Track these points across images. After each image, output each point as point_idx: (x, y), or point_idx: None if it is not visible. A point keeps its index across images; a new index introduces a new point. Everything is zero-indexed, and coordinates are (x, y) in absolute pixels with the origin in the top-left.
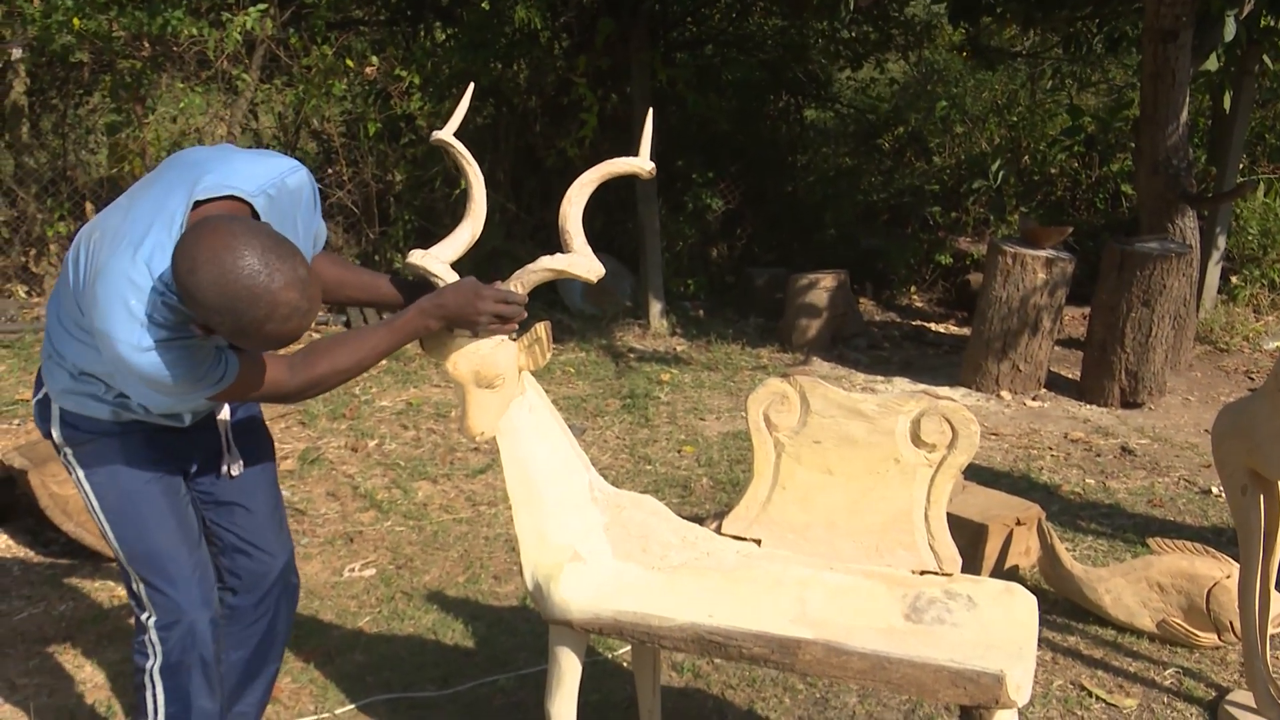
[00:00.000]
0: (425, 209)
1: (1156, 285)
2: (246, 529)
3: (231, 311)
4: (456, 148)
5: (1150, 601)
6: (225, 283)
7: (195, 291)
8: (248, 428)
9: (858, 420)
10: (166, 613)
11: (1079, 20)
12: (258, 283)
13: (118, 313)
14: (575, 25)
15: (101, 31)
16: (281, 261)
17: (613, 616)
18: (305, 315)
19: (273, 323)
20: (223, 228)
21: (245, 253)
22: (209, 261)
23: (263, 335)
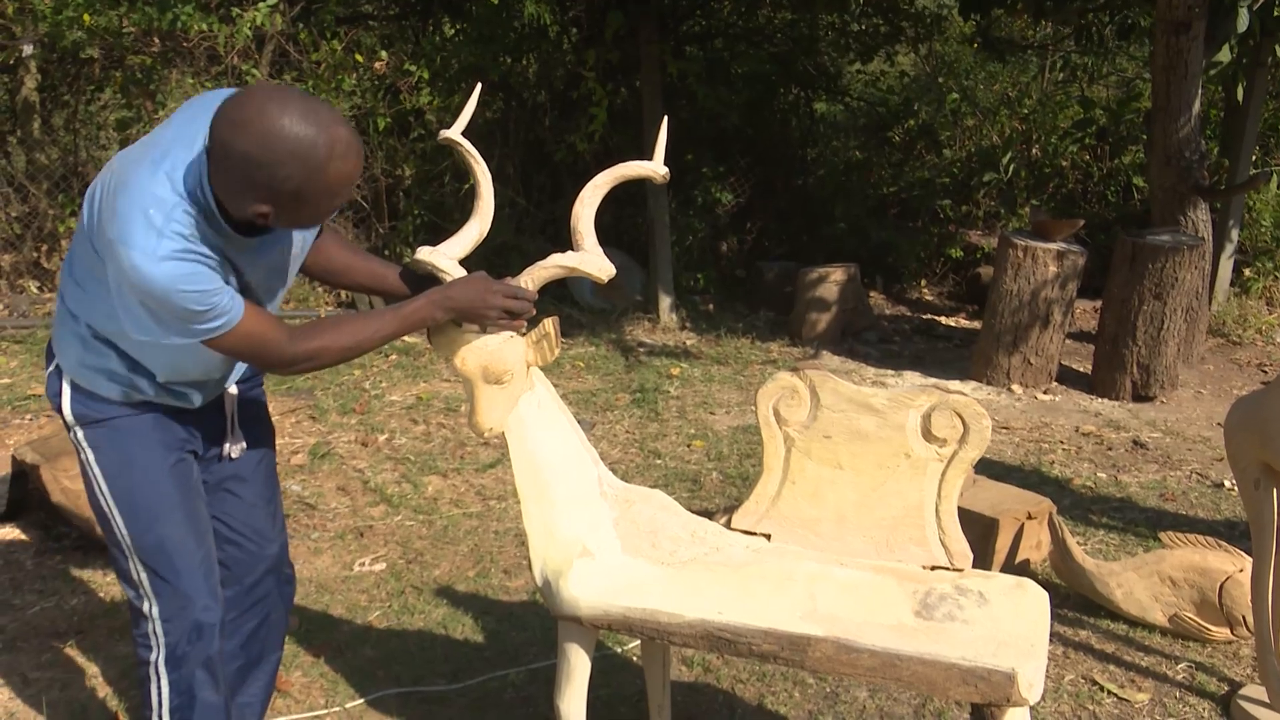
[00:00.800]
0: (434, 204)
1: (1168, 278)
2: (237, 516)
3: (300, 156)
4: (464, 146)
5: (1162, 596)
6: (284, 129)
7: (256, 152)
8: (252, 412)
9: (868, 415)
10: (170, 603)
11: (1090, 12)
12: (313, 121)
13: (136, 220)
14: (584, 19)
15: (112, 27)
16: (321, 106)
17: (622, 612)
18: (359, 155)
19: (336, 159)
20: (256, 90)
21: (290, 101)
22: (260, 117)
23: (331, 176)
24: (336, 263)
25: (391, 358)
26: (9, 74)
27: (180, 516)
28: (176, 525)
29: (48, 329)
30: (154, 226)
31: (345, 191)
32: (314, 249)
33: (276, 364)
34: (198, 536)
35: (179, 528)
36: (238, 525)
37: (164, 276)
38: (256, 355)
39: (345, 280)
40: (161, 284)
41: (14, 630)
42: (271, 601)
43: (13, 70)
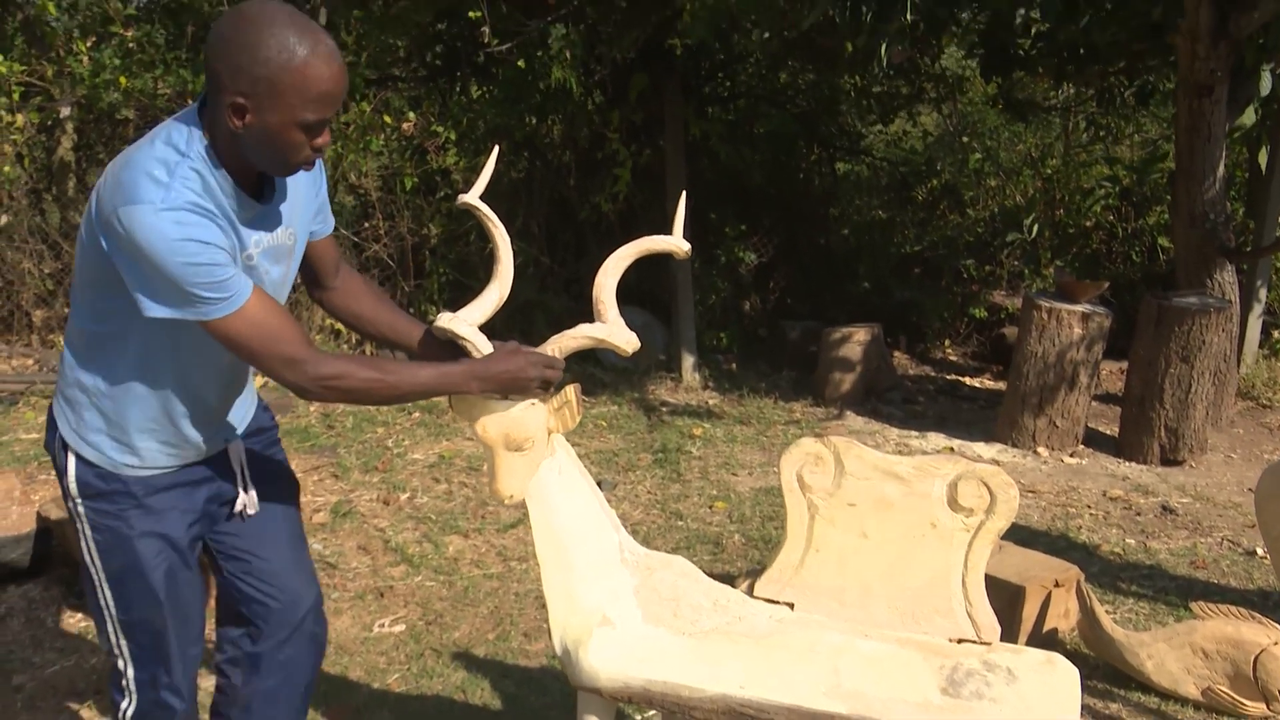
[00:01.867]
0: (460, 262)
1: (1195, 341)
2: (263, 577)
3: (279, 46)
4: (483, 210)
5: (1194, 668)
6: (270, 21)
7: (239, 38)
8: (269, 470)
9: (893, 482)
10: (144, 672)
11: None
12: (298, 21)
13: (140, 181)
14: (609, 81)
15: (147, 90)
16: (312, 20)
17: (643, 685)
18: (341, 67)
19: (317, 59)
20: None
21: (285, 8)
22: (252, 12)
23: (310, 73)
24: (364, 306)
25: (414, 415)
26: (47, 134)
27: (167, 612)
28: (161, 618)
29: None
30: (160, 182)
31: (324, 99)
32: (341, 290)
33: (289, 369)
34: (180, 631)
35: (163, 620)
36: (264, 586)
37: (170, 227)
38: (268, 351)
39: (369, 327)
40: (170, 234)
41: (33, 689)
42: (303, 658)
43: (50, 131)
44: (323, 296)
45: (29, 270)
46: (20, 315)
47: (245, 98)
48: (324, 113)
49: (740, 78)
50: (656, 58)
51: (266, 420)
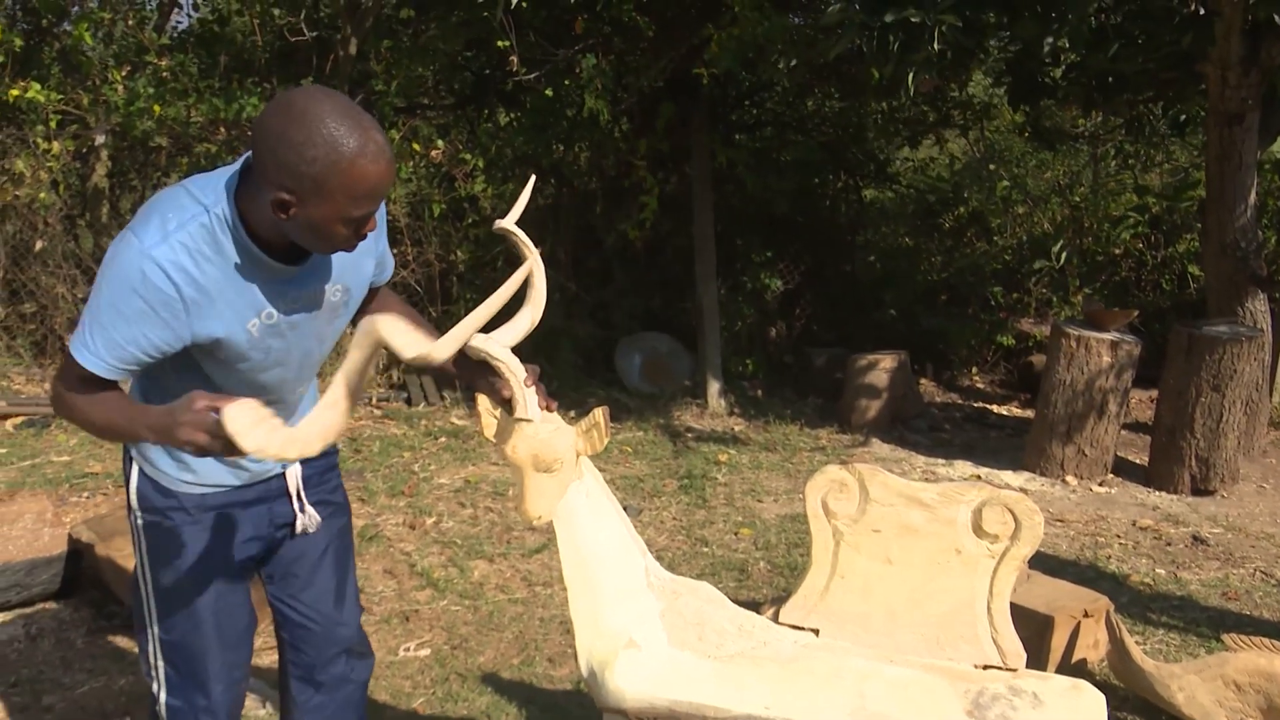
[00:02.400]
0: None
1: (1227, 370)
2: (305, 600)
3: (328, 143)
4: (518, 235)
5: (1227, 701)
6: (321, 116)
7: (288, 132)
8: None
9: (918, 509)
10: (177, 698)
11: (1141, 103)
12: (347, 121)
13: (152, 219)
14: (636, 110)
15: (180, 118)
16: (364, 112)
17: (668, 706)
18: (390, 163)
19: (365, 158)
20: (303, 88)
21: (333, 98)
22: (301, 105)
23: (357, 173)
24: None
25: (440, 440)
26: (82, 161)
27: (209, 631)
28: (201, 639)
29: None
30: (164, 227)
31: (370, 195)
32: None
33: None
34: (223, 654)
35: (203, 642)
36: (305, 609)
37: (133, 265)
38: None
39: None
40: (126, 270)
41: (62, 710)
42: (345, 682)
43: (85, 158)
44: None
45: (62, 295)
46: (54, 339)
47: (290, 194)
48: (370, 207)
49: (767, 105)
50: (683, 86)
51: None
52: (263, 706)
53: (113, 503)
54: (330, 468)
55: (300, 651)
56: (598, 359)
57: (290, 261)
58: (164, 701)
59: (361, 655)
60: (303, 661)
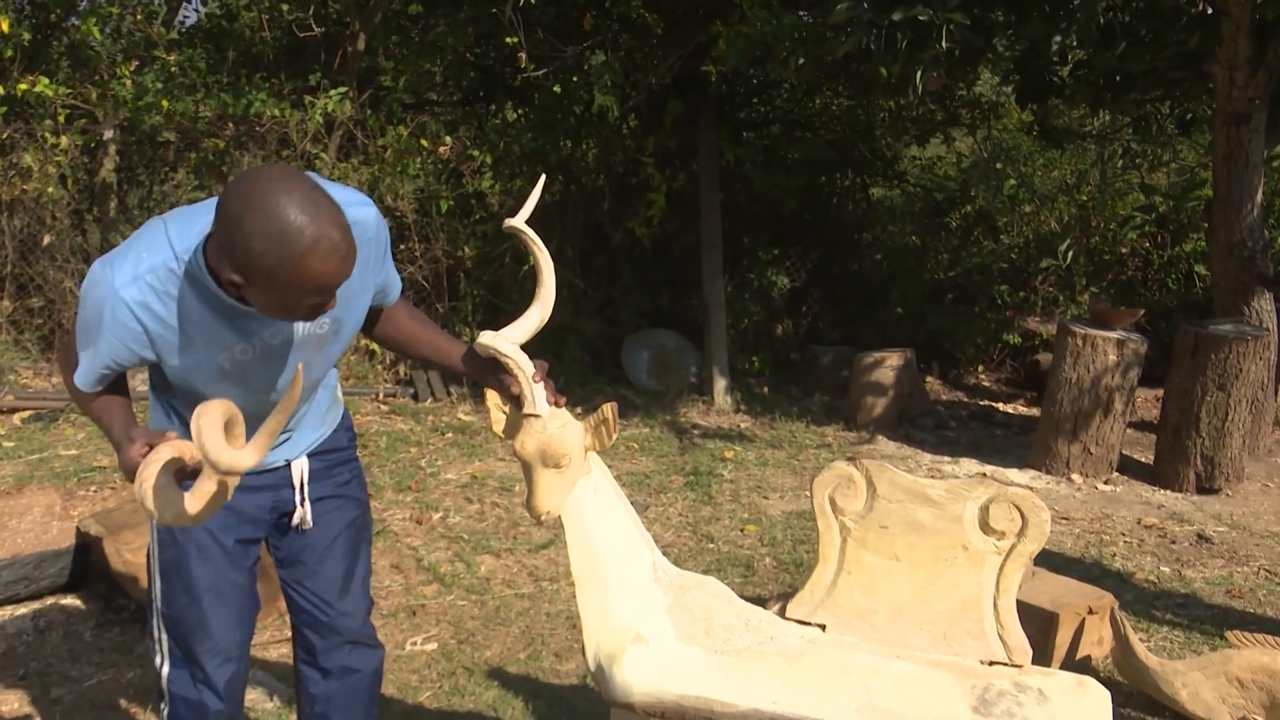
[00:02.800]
0: (494, 284)
1: (1232, 369)
2: (310, 587)
3: (276, 238)
4: (528, 234)
5: (1230, 698)
6: (274, 209)
7: (241, 219)
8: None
9: (925, 505)
10: (178, 671)
11: (1149, 102)
12: (305, 212)
13: (129, 253)
14: (644, 107)
15: (188, 113)
16: (328, 204)
17: (675, 700)
18: (344, 260)
19: (313, 256)
20: (271, 170)
21: (296, 187)
22: (260, 191)
23: (302, 270)
24: (404, 332)
25: (447, 436)
26: (89, 156)
27: (206, 608)
28: (199, 615)
29: None
30: (135, 267)
31: (319, 290)
32: (383, 320)
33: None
34: (220, 632)
35: (201, 618)
36: (311, 597)
37: (101, 300)
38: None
39: (410, 350)
40: (96, 304)
41: (70, 702)
42: (351, 671)
43: (93, 153)
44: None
45: (70, 289)
46: (61, 334)
47: (239, 277)
48: (320, 299)
49: (775, 103)
50: (691, 84)
51: (343, 441)
52: (270, 699)
53: (120, 496)
54: (343, 461)
55: (306, 637)
56: (605, 356)
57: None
58: (165, 674)
59: (368, 646)
60: (308, 646)
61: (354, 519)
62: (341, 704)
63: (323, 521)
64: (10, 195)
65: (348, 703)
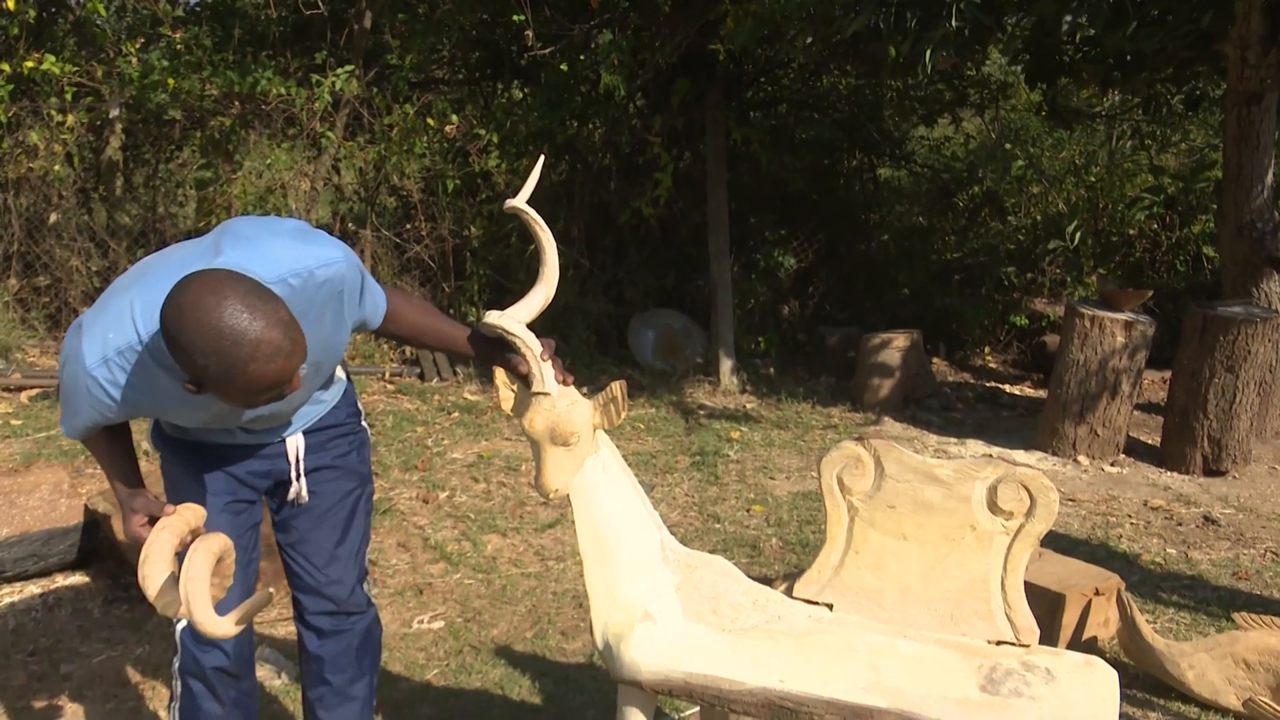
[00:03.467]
0: (500, 264)
1: (1241, 351)
2: (302, 552)
3: (216, 353)
4: (530, 214)
5: (1236, 679)
6: (209, 324)
7: (181, 337)
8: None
9: (933, 485)
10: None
11: (1159, 82)
12: (240, 322)
13: (96, 331)
14: (651, 86)
15: (195, 91)
16: (264, 303)
17: (683, 678)
18: (289, 356)
19: (256, 362)
20: (206, 276)
21: (228, 295)
22: (194, 305)
23: (248, 376)
24: (408, 326)
25: (453, 415)
26: (95, 134)
27: None
28: None
29: None
30: (104, 350)
31: (271, 388)
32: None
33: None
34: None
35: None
36: (302, 561)
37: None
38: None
39: (416, 342)
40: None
41: (80, 678)
42: (342, 631)
43: (99, 131)
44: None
45: (76, 268)
46: (68, 312)
47: (198, 383)
48: (275, 393)
49: (782, 83)
50: (699, 63)
51: (341, 417)
52: (278, 676)
53: None
54: (340, 435)
55: (297, 599)
56: (611, 336)
57: None
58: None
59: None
60: (300, 608)
61: (351, 490)
62: (336, 664)
63: (320, 491)
64: (16, 173)
65: (343, 663)
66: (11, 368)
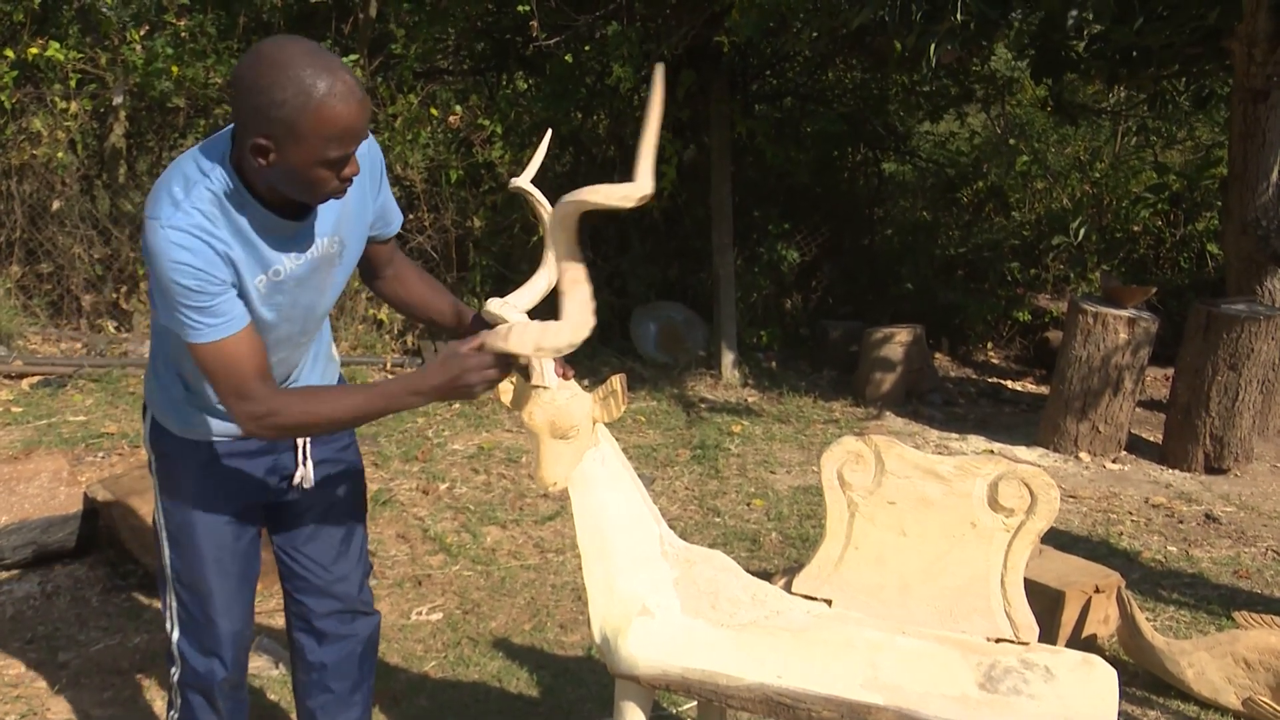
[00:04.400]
0: (503, 254)
1: (1244, 348)
2: (305, 551)
3: (297, 83)
4: (534, 195)
5: (1236, 678)
6: (289, 61)
7: (259, 78)
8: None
9: (934, 482)
10: (189, 637)
11: (1165, 78)
12: (318, 59)
13: (163, 195)
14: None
15: (198, 79)
16: (335, 57)
17: (680, 673)
18: (362, 102)
19: (334, 98)
20: (274, 38)
21: (301, 42)
22: (272, 52)
23: (325, 113)
24: (414, 293)
25: (454, 406)
26: (99, 121)
27: (212, 575)
28: (207, 583)
29: (124, 369)
30: (175, 200)
31: (342, 140)
32: (393, 278)
33: (235, 403)
34: (225, 601)
35: (208, 586)
36: (306, 562)
37: (166, 243)
38: (224, 382)
39: (419, 313)
40: (167, 254)
41: (77, 666)
42: (345, 637)
43: (103, 118)
44: (375, 284)
45: (79, 255)
46: (70, 299)
47: (266, 138)
48: (346, 148)
49: (787, 76)
50: (704, 55)
51: None
52: (275, 667)
53: (128, 462)
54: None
55: (301, 603)
56: (613, 327)
57: (291, 217)
58: (175, 639)
59: (363, 613)
60: (302, 613)
61: (352, 485)
62: (339, 670)
63: (322, 486)
64: (20, 160)
65: (346, 669)
66: (13, 355)
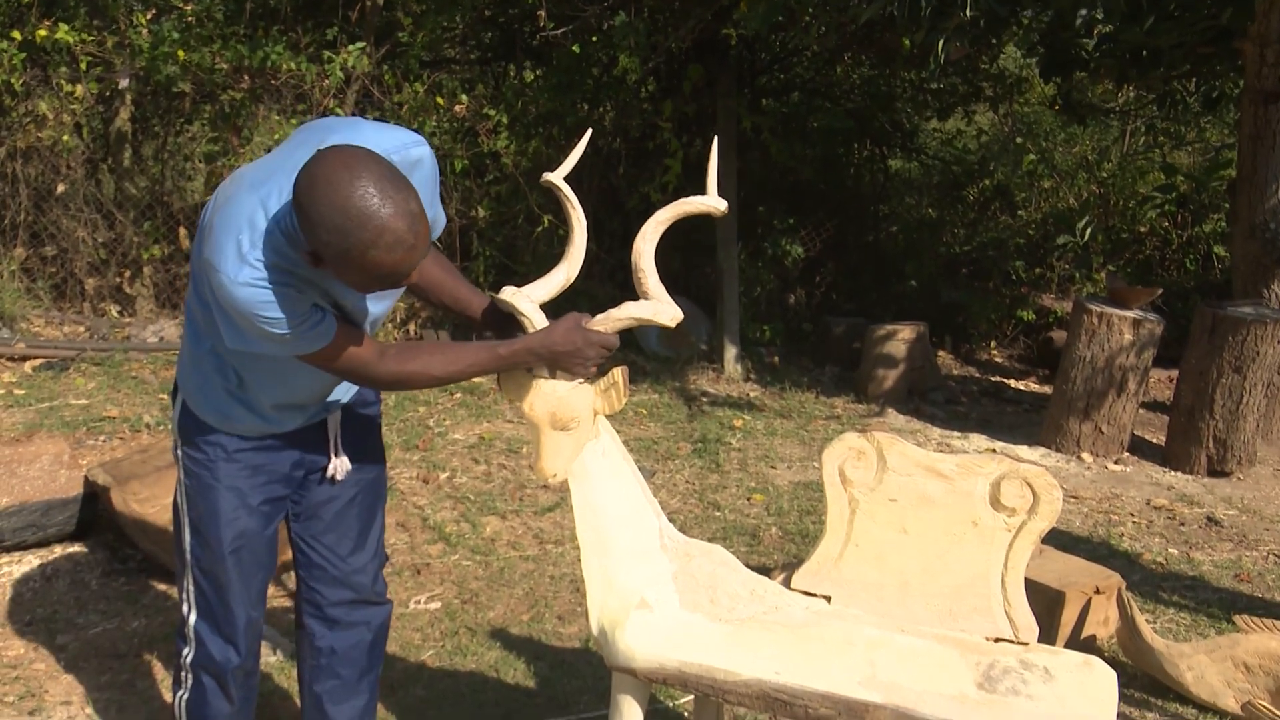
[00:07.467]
0: (506, 245)
1: (1249, 352)
2: (324, 540)
3: (340, 231)
4: (565, 191)
5: (1235, 681)
6: (338, 201)
7: (309, 208)
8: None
9: (936, 480)
10: (205, 622)
11: (1175, 78)
12: (369, 205)
13: (228, 244)
14: (663, 70)
15: (205, 64)
16: (396, 191)
17: (677, 667)
18: (410, 250)
19: (377, 250)
20: (345, 150)
21: (363, 175)
22: (326, 179)
23: (367, 262)
24: (428, 276)
25: (456, 396)
26: (105, 105)
27: (230, 566)
28: (226, 571)
29: (126, 353)
30: (241, 252)
31: (390, 276)
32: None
33: (370, 383)
34: (242, 589)
35: (227, 575)
36: (325, 551)
37: (244, 300)
38: (348, 374)
39: (431, 296)
40: (244, 308)
41: (76, 649)
42: (357, 625)
43: (108, 102)
44: None
45: (83, 239)
46: (74, 283)
47: (314, 259)
48: (397, 285)
49: (795, 71)
50: (711, 49)
51: (371, 395)
52: (273, 653)
53: (129, 446)
54: (371, 419)
55: (315, 591)
56: None
57: None
58: (192, 623)
59: (376, 603)
60: (317, 600)
61: (374, 477)
62: (348, 657)
63: (347, 477)
64: (25, 143)
65: (355, 656)
66: (16, 337)
